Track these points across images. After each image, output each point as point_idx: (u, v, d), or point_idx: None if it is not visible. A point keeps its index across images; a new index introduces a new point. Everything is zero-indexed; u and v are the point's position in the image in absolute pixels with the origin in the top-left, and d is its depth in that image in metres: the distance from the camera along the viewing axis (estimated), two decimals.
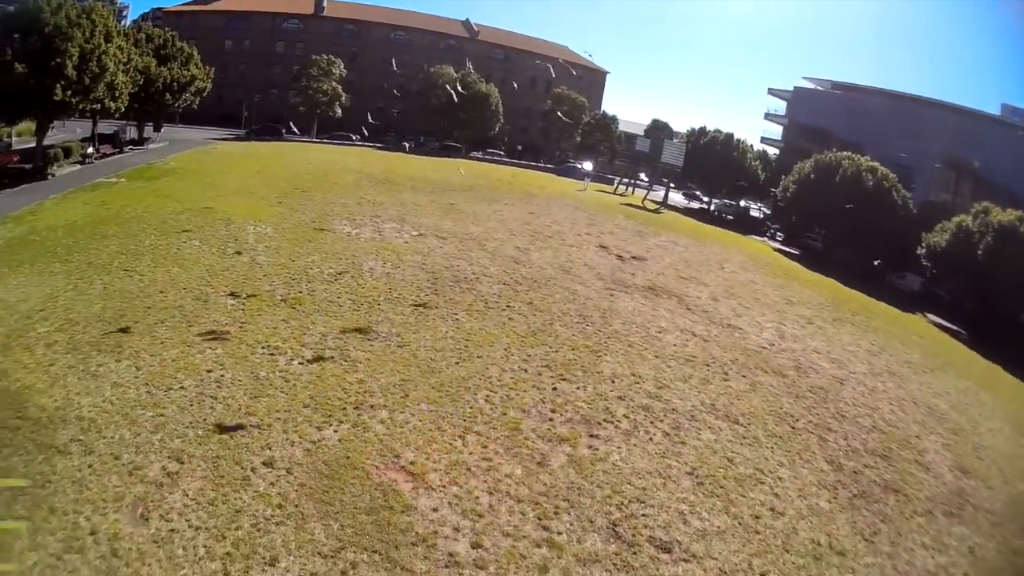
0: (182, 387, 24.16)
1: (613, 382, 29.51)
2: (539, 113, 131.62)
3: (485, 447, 23.14)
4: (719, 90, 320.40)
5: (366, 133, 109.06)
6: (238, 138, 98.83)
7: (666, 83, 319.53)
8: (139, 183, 56.80)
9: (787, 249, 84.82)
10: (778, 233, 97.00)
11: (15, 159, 59.16)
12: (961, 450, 30.81)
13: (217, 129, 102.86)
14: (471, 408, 25.62)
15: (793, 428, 28.27)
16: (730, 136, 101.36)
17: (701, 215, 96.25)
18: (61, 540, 16.48)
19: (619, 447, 24.14)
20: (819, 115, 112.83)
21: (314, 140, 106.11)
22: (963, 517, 24.88)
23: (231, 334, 28.92)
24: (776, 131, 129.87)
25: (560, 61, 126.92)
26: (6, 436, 20.27)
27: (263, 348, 27.96)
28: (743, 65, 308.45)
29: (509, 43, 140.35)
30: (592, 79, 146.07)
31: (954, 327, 60.70)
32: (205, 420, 22.24)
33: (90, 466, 19.34)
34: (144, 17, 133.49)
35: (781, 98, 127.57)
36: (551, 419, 25.55)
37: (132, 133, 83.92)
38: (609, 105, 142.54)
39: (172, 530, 17.28)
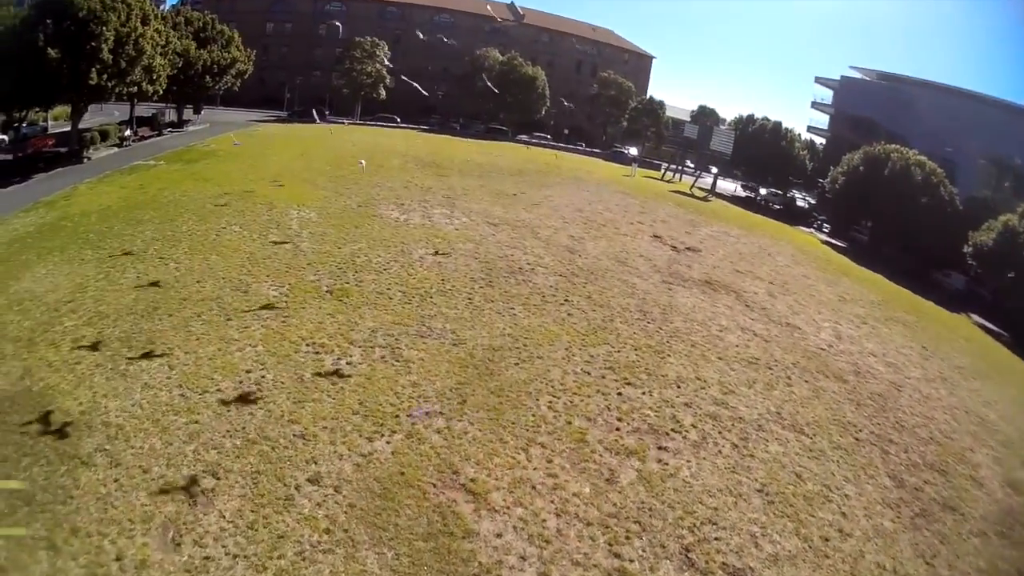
0: (219, 390, 22.12)
1: (679, 387, 27.49)
2: (585, 97, 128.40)
3: (550, 461, 21.07)
4: (764, 76, 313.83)
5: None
6: (280, 120, 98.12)
7: (710, 68, 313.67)
8: (177, 166, 55.61)
9: (834, 241, 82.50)
10: (825, 225, 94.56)
11: (51, 143, 58.96)
12: (1011, 464, 29.16)
13: (259, 111, 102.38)
14: (533, 416, 23.42)
15: (857, 439, 26.76)
16: (778, 124, 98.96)
17: (747, 204, 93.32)
18: (83, 566, 14.77)
19: (688, 461, 22.34)
20: (866, 106, 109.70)
21: (357, 122, 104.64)
22: (1013, 538, 23.48)
23: (273, 330, 26.84)
24: (822, 120, 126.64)
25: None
26: (27, 444, 18.63)
27: (308, 345, 25.82)
28: (788, 51, 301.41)
29: (554, 26, 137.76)
30: (638, 64, 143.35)
31: (997, 329, 58.21)
32: (244, 429, 20.16)
33: (116, 480, 17.52)
34: (183, 2, 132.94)
35: (828, 87, 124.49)
36: (618, 429, 23.52)
37: (172, 116, 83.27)
38: (654, 91, 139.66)
39: (206, 557, 15.42)
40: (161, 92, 65.96)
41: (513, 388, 24.97)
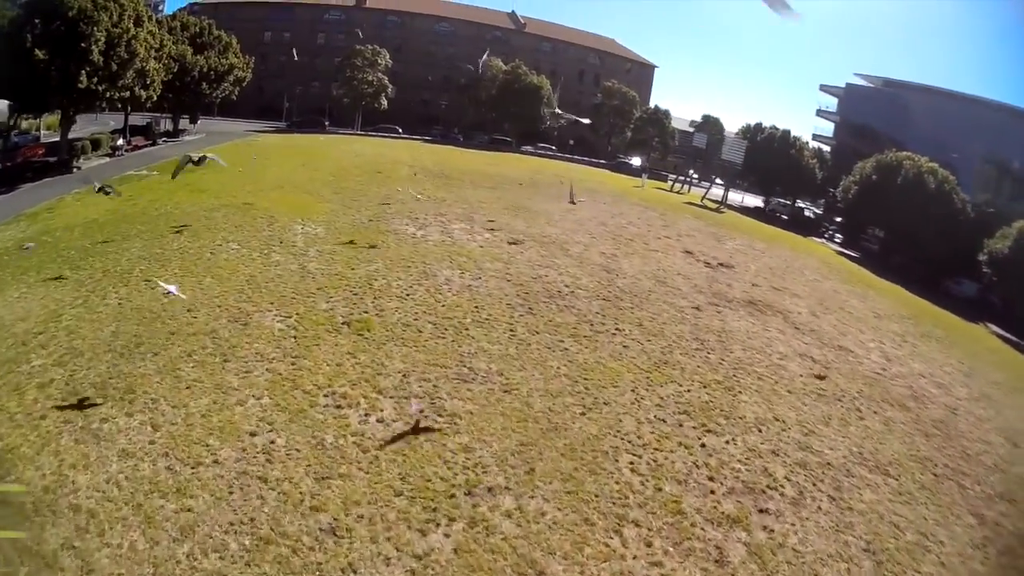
0: (216, 460, 16.82)
1: (760, 431, 23.49)
2: (588, 107, 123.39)
3: (650, 544, 16.41)
4: (766, 84, 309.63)
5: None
6: (279, 130, 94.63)
7: (710, 76, 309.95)
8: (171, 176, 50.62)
9: (847, 252, 79.90)
10: (836, 235, 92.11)
11: (41, 152, 56.55)
12: None
13: (257, 122, 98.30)
14: (617, 483, 18.58)
15: (936, 476, 23.94)
16: (787, 133, 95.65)
17: (757, 214, 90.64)
18: None
19: (792, 524, 18.61)
20: (871, 113, 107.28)
21: (358, 132, 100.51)
22: None
23: (281, 375, 21.58)
24: (828, 128, 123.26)
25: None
26: None
27: (326, 396, 20.45)
28: (791, 59, 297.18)
29: (556, 36, 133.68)
30: (641, 73, 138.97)
31: (1014, 338, 55.79)
32: (253, 520, 14.90)
33: None
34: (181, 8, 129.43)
35: (833, 95, 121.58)
36: (712, 491, 19.21)
37: (167, 125, 79.86)
38: (655, 100, 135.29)
39: None
40: (155, 98, 62.52)
41: (586, 447, 20.08)
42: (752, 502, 19.06)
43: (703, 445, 21.52)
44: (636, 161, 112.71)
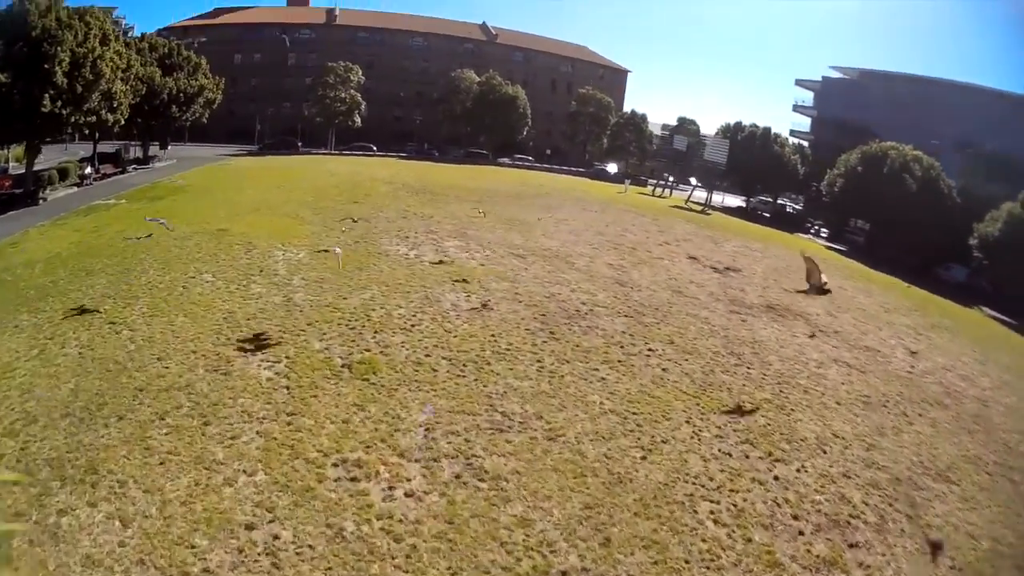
0: (206, 569, 12.52)
1: (824, 452, 21.45)
2: (562, 115, 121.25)
3: None
4: (739, 83, 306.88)
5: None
6: (251, 153, 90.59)
7: (681, 77, 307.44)
8: (141, 204, 46.99)
9: (835, 246, 78.98)
10: (822, 230, 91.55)
11: (7, 184, 52.20)
12: None
13: (228, 145, 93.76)
14: (704, 540, 15.58)
15: (990, 475, 22.99)
16: (768, 131, 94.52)
17: (740, 214, 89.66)
18: None
19: (883, 554, 16.95)
20: (849, 105, 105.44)
21: (331, 152, 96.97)
22: None
23: (276, 440, 17.22)
24: (804, 123, 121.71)
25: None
26: None
27: (336, 466, 16.06)
28: (764, 56, 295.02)
29: (528, 45, 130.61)
30: (614, 78, 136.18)
31: (1007, 319, 56.26)
32: None
33: None
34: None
35: (809, 89, 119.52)
36: (800, 532, 17.02)
37: (136, 152, 75.27)
38: (629, 104, 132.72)
39: None
40: (123, 122, 58.16)
41: (659, 499, 16.72)
42: (841, 537, 17.23)
43: (776, 478, 19.25)
44: (612, 168, 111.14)
